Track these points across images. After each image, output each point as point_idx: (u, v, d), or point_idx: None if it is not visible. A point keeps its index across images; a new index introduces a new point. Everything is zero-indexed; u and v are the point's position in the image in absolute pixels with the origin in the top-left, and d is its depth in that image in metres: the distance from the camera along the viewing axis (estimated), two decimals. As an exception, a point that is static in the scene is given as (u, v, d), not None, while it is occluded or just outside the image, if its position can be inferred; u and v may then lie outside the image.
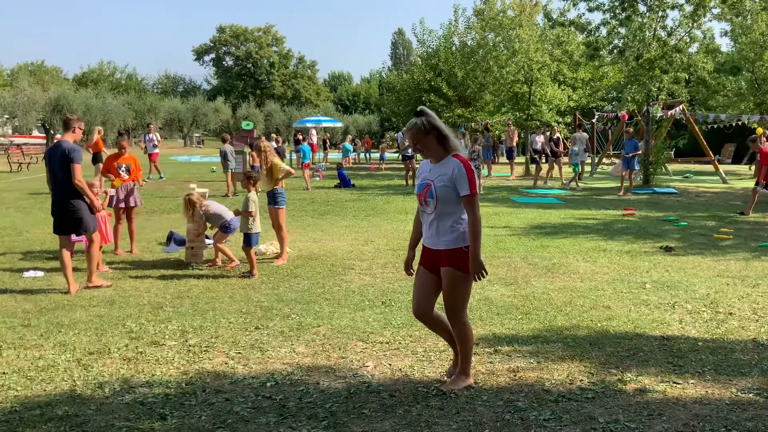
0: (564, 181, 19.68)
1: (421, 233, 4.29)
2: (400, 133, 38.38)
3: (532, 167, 21.17)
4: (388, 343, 5.16)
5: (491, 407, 3.91)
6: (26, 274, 7.63)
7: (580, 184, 18.93)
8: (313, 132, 32.80)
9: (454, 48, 28.03)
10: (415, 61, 33.70)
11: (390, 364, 4.68)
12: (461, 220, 4.02)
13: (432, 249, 4.12)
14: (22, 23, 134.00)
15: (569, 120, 26.32)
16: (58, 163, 6.93)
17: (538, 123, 24.34)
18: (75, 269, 7.19)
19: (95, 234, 7.17)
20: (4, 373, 4.56)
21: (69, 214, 6.96)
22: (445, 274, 4.06)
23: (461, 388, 4.16)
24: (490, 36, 26.09)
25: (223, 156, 17.50)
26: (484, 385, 4.27)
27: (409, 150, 20.55)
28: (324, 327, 5.59)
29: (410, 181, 19.97)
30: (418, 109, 4.12)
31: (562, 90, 25.32)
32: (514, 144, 24.86)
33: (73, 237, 7.42)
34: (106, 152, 13.41)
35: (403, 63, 71.26)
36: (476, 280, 4.01)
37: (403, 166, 21.38)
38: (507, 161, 24.96)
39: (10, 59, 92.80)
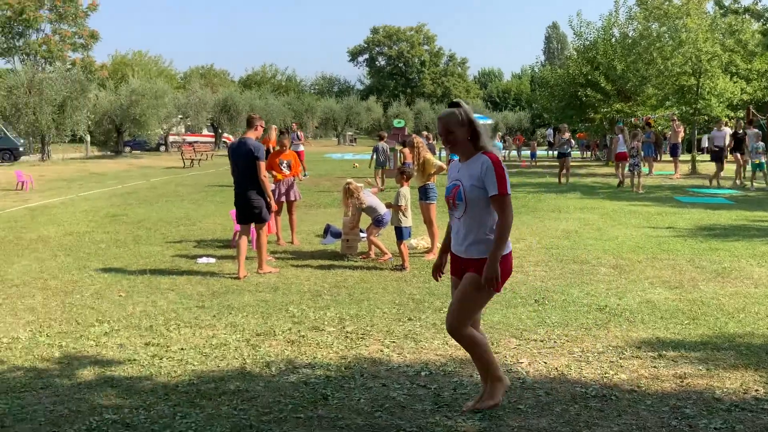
0: (737, 181, 18.18)
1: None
2: (550, 129, 37.41)
3: (710, 165, 19.63)
4: (542, 341, 5.05)
5: (656, 412, 3.72)
6: (200, 261, 8.27)
7: (755, 183, 17.41)
8: None
9: (613, 40, 26.78)
10: (570, 55, 32.56)
11: (545, 363, 4.58)
12: (494, 226, 3.61)
13: (461, 257, 3.72)
14: (194, 30, 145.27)
15: (741, 114, 24.27)
16: (243, 158, 7.45)
17: (706, 118, 22.65)
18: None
19: (264, 227, 7.64)
20: (182, 348, 4.99)
21: (250, 204, 7.48)
22: (466, 277, 3.65)
23: (501, 395, 3.75)
24: (653, 26, 24.65)
25: (375, 152, 18.11)
26: (648, 389, 4.06)
27: (565, 147, 19.95)
28: (476, 322, 5.58)
29: (563, 179, 19.38)
30: (454, 100, 3.78)
31: (735, 82, 23.39)
32: (679, 140, 23.34)
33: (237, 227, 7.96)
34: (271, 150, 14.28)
35: (557, 57, 69.26)
36: (486, 289, 3.53)
37: (557, 163, 20.77)
38: (671, 159, 23.50)
39: (184, 63, 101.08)
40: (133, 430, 3.60)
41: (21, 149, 31.69)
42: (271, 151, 10.41)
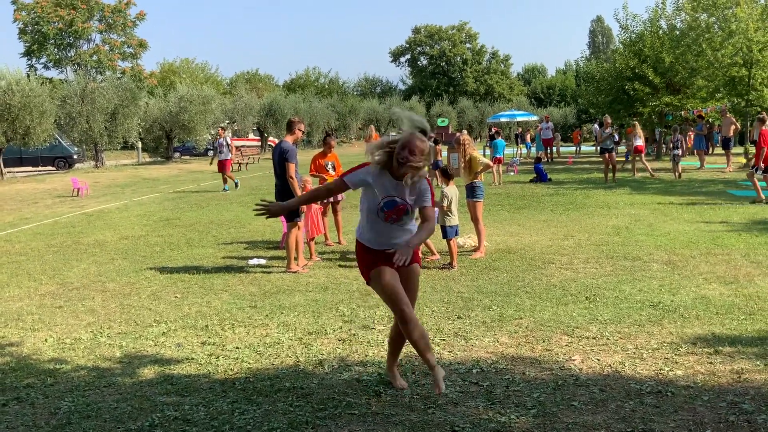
0: None
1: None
2: (596, 125, 36.68)
3: None
4: (595, 338, 5.02)
5: (713, 408, 3.67)
6: (251, 262, 8.44)
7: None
8: (549, 125, 29.93)
9: (661, 32, 26.18)
10: (616, 48, 31.92)
11: (598, 360, 4.55)
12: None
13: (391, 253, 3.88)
14: (239, 36, 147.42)
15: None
16: (277, 159, 7.92)
17: (759, 109, 21.98)
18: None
19: (294, 225, 7.82)
20: (237, 347, 5.12)
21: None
22: (415, 270, 4.02)
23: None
24: (702, 17, 24.03)
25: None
26: (704, 385, 4.01)
27: (608, 143, 19.57)
28: (526, 319, 5.57)
29: (610, 175, 19.03)
30: (423, 127, 3.83)
31: (789, 72, 22.64)
32: (731, 133, 22.73)
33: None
34: None
35: (603, 51, 68.06)
36: (397, 261, 3.65)
37: (600, 159, 20.40)
38: (723, 152, 22.88)
39: (230, 69, 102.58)
40: (193, 426, 3.72)
41: (75, 157, 32.75)
42: None
